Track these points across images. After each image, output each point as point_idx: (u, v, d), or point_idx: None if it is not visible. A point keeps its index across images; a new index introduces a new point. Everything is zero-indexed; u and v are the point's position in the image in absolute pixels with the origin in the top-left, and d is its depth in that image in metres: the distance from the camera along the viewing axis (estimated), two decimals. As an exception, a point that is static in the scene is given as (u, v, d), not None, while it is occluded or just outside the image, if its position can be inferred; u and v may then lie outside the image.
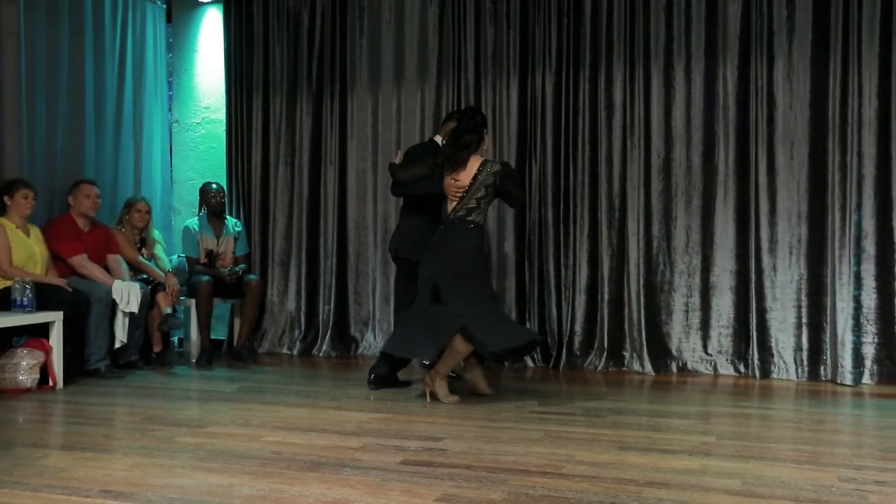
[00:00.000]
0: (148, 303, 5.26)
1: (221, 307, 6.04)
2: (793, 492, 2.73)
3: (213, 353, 5.67)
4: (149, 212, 5.64)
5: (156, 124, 6.35)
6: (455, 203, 4.34)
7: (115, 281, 5.08)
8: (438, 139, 4.72)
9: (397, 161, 4.64)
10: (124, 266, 5.35)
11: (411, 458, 3.13)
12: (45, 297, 4.66)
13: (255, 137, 6.28)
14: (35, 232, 4.96)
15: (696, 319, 5.30)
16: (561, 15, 5.49)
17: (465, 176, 4.31)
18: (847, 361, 4.86)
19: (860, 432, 3.77)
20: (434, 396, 4.24)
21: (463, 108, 5.15)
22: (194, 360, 5.62)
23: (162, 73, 6.47)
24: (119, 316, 5.02)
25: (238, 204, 6.28)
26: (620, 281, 5.40)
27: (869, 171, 4.91)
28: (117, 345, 5.07)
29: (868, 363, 4.90)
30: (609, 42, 5.42)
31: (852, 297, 4.89)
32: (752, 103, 5.14)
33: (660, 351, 5.32)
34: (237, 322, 5.95)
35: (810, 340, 5.05)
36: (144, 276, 5.52)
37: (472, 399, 4.35)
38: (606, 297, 5.40)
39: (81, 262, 5.06)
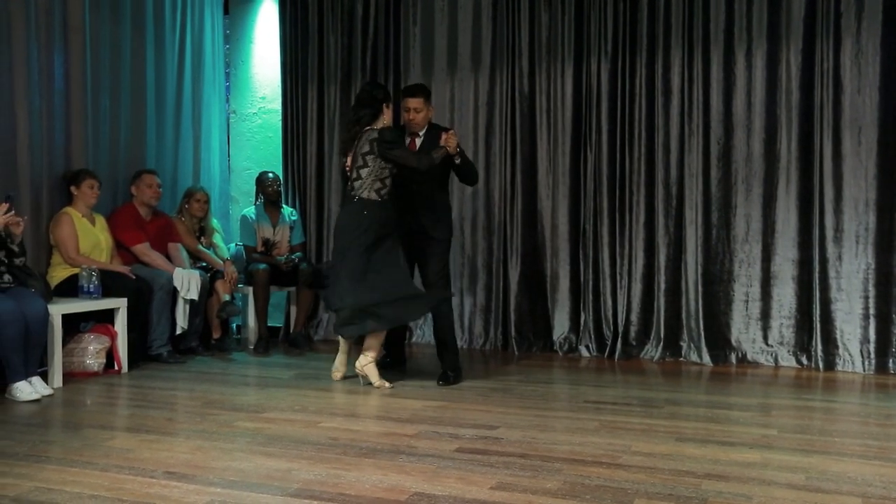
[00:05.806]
0: (207, 290, 5.38)
1: (278, 295, 6.14)
2: (860, 487, 2.66)
3: (270, 340, 5.76)
4: (207, 201, 5.75)
5: (214, 115, 6.46)
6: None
7: (176, 269, 5.19)
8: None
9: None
10: (184, 254, 5.48)
11: (466, 446, 3.14)
12: (109, 284, 4.80)
13: (310, 127, 6.34)
14: (100, 221, 5.09)
15: (756, 310, 5.18)
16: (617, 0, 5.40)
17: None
18: (916, 354, 4.69)
19: (930, 427, 3.63)
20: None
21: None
22: (252, 347, 5.72)
23: (220, 65, 6.58)
24: (180, 303, 5.14)
25: (294, 193, 6.36)
26: (677, 270, 5.31)
27: (941, 156, 4.72)
28: (178, 331, 5.19)
29: (939, 356, 4.73)
30: (667, 26, 5.30)
31: (922, 288, 4.72)
32: (816, 87, 4.98)
33: (718, 341, 5.21)
34: (293, 310, 6.03)
35: (878, 332, 4.89)
36: (203, 264, 5.62)
37: (527, 388, 4.33)
38: (663, 286, 5.31)
39: (144, 250, 5.19)
